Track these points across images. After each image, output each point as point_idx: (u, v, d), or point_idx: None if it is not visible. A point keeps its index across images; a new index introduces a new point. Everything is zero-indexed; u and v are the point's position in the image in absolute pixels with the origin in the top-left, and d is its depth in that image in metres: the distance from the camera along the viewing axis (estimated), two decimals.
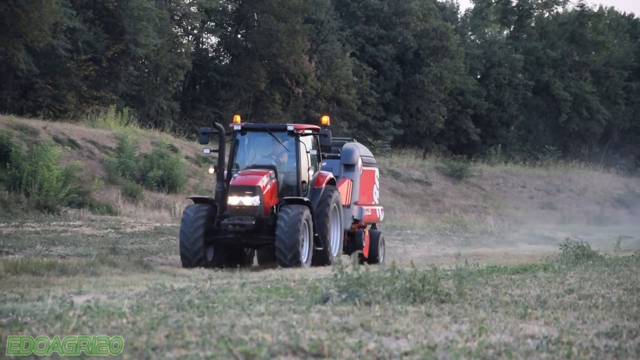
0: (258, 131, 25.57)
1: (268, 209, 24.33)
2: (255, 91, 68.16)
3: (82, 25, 54.13)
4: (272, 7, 67.11)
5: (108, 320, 10.68)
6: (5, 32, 49.27)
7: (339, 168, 28.02)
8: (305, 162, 25.18)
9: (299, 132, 25.06)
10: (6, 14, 48.77)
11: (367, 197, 28.93)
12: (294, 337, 9.53)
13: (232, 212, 24.09)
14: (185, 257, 23.79)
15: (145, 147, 49.02)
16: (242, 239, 24.23)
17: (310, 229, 24.16)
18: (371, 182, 29.47)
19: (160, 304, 12.51)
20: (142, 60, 59.81)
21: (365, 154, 29.31)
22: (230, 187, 24.12)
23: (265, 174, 24.35)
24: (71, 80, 53.92)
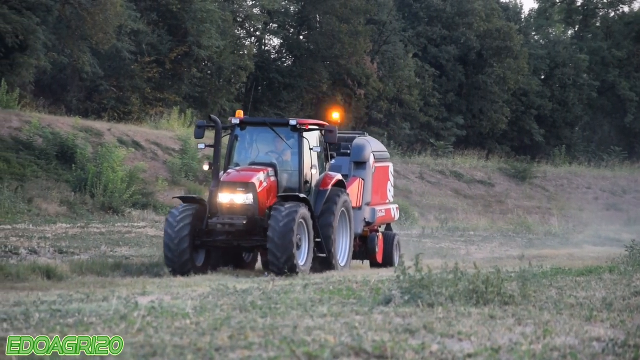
0: (258, 126, 23.71)
1: (264, 209, 22.25)
2: (317, 93, 68.20)
3: (146, 27, 54.55)
4: (335, 8, 67.10)
5: (172, 321, 10.74)
6: (71, 35, 49.84)
7: (349, 166, 25.87)
8: (308, 160, 23.16)
9: (302, 128, 23.07)
10: (72, 17, 49.33)
11: (380, 196, 26.79)
12: (357, 338, 9.51)
13: (222, 211, 22.11)
14: (171, 261, 21.72)
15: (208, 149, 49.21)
16: (233, 241, 22.15)
17: (310, 229, 22.13)
18: (385, 179, 27.28)
19: (224, 305, 12.56)
20: (205, 62, 60.13)
21: (378, 149, 27.11)
22: (221, 184, 22.23)
23: (262, 171, 22.43)
24: (135, 82, 54.36)
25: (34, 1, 45.74)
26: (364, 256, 25.94)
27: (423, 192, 61.14)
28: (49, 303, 13.00)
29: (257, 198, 21.98)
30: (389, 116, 72.42)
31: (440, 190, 62.55)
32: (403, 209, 49.45)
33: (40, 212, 33.88)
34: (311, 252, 22.17)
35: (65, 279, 19.78)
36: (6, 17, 43.72)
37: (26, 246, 24.25)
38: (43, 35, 45.82)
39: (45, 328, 10.16)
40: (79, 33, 49.69)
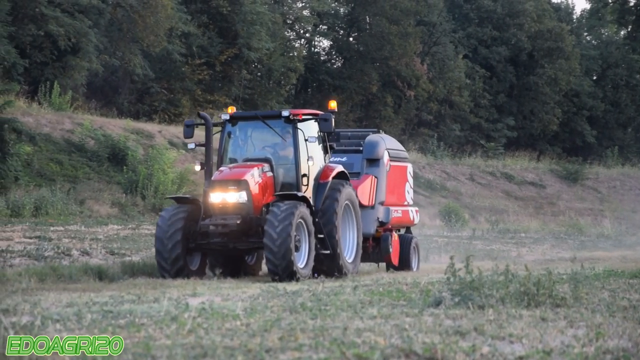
0: (250, 120, 22.38)
1: (259, 207, 20.92)
2: (366, 94, 68.16)
3: (197, 30, 54.83)
4: (384, 9, 67.03)
5: (222, 322, 10.77)
6: (122, 38, 50.22)
7: (361, 163, 24.68)
8: (304, 152, 21.69)
9: (295, 118, 21.68)
10: (123, 20, 49.71)
11: (397, 196, 25.48)
12: (407, 340, 9.48)
13: (214, 211, 20.84)
14: (162, 267, 20.50)
15: None
16: (228, 243, 20.75)
17: (309, 228, 20.70)
18: (402, 179, 25.97)
19: (274, 306, 12.58)
20: (255, 64, 60.31)
21: (394, 147, 25.77)
22: (212, 182, 20.99)
23: (256, 167, 21.13)
24: (186, 84, 54.65)
25: (86, 4, 46.15)
26: (378, 258, 24.78)
27: (473, 193, 60.87)
28: (100, 304, 13.10)
29: (251, 196, 20.71)
30: (439, 117, 72.20)
31: (490, 192, 62.24)
32: (453, 211, 49.33)
33: (92, 213, 34.17)
34: (312, 252, 20.77)
35: (117, 280, 19.91)
36: (59, 20, 44.15)
37: (78, 247, 24.45)
38: (95, 37, 46.21)
39: (97, 329, 10.23)
40: (130, 35, 50.07)
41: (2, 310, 11.78)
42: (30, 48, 44.80)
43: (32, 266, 20.64)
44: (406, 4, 67.07)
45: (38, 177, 36.80)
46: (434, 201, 56.59)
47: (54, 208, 32.41)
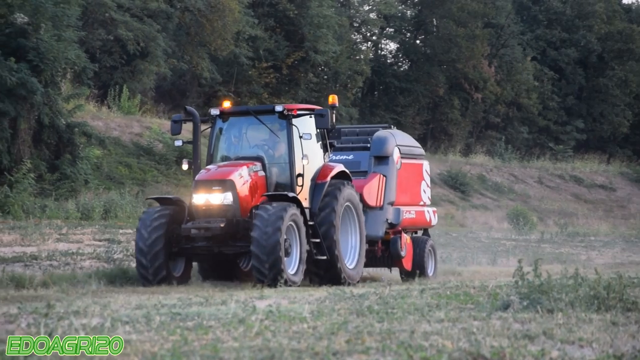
0: (241, 115, 20.93)
1: (247, 209, 19.41)
2: (433, 97, 67.94)
3: (264, 33, 55.05)
4: (452, 12, 66.78)
5: (289, 324, 10.78)
6: (190, 42, 50.60)
7: (369, 161, 23.15)
8: (299, 150, 20.20)
9: (290, 114, 20.22)
10: (191, 24, 50.10)
11: (410, 196, 23.87)
12: (475, 344, 9.42)
13: (198, 214, 19.41)
14: (143, 276, 19.08)
15: None
16: (213, 247, 19.32)
17: (301, 232, 19.26)
18: (417, 178, 24.32)
19: (340, 309, 12.57)
20: (321, 67, 60.37)
21: (406, 144, 24.13)
22: (195, 183, 19.57)
23: (244, 166, 19.67)
24: (252, 87, 54.88)
25: (155, 8, 46.58)
26: (389, 262, 23.26)
27: (542, 196, 60.36)
28: (169, 306, 13.19)
29: (238, 197, 19.25)
30: (507, 120, 71.71)
31: (559, 195, 61.69)
32: (521, 214, 48.94)
33: None
34: (304, 258, 19.31)
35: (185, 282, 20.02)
36: (128, 24, 44.60)
37: None
38: (163, 42, 46.62)
39: (165, 331, 10.29)
40: (198, 39, 50.42)
41: (73, 312, 11.91)
42: (100, 52, 45.31)
43: (101, 268, 20.87)
44: (474, 6, 66.76)
45: (107, 180, 37.21)
46: (501, 204, 56.22)
47: (123, 211, 32.73)
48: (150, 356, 8.85)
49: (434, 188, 56.55)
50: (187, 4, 49.32)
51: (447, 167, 59.82)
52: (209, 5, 49.38)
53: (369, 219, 22.06)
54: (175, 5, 48.93)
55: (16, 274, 18.47)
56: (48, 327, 9.95)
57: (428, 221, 24.39)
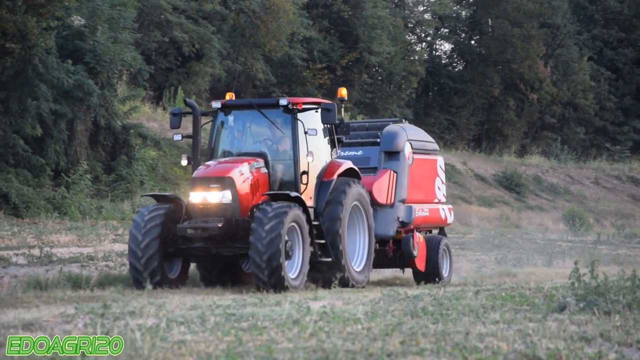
0: (244, 109, 19.78)
1: (248, 209, 18.34)
2: (488, 97, 67.61)
3: (318, 34, 55.12)
4: (507, 12, 66.42)
5: (343, 325, 10.77)
6: (245, 43, 50.78)
7: (378, 157, 21.98)
8: (304, 146, 19.03)
9: (295, 108, 19.02)
10: (246, 25, 50.29)
11: (424, 193, 22.71)
12: (531, 346, 9.35)
13: (195, 213, 18.36)
14: (137, 280, 17.95)
15: None
16: (211, 248, 18.26)
17: (304, 234, 18.13)
18: (431, 174, 23.15)
19: (395, 310, 12.53)
20: (375, 68, 60.35)
21: (418, 139, 22.89)
22: (193, 180, 18.62)
23: (246, 162, 18.62)
24: (307, 88, 54.95)
25: (210, 10, 46.83)
26: (400, 263, 22.00)
27: (598, 197, 59.82)
28: (223, 307, 13.22)
29: (238, 195, 18.18)
30: (562, 120, 71.18)
31: (616, 196, 61.09)
32: (577, 215, 48.54)
33: None
34: (306, 261, 18.20)
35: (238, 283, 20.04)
36: (183, 26, 44.87)
37: None
38: (218, 43, 46.84)
39: (220, 331, 10.32)
40: (253, 41, 50.60)
41: (129, 313, 11.99)
42: (156, 54, 45.63)
43: None
44: (529, 6, 66.35)
45: (162, 182, 37.45)
46: (557, 205, 55.79)
47: None
48: (205, 356, 8.88)
49: (489, 189, 56.35)
50: (242, 5, 49.51)
51: (502, 168, 59.47)
52: (263, 6, 49.54)
53: (379, 217, 21.13)
54: (230, 6, 49.15)
55: (73, 274, 18.63)
56: (104, 327, 10.02)
57: (443, 219, 23.16)
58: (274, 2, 49.46)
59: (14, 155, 33.56)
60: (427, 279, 21.56)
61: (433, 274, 21.83)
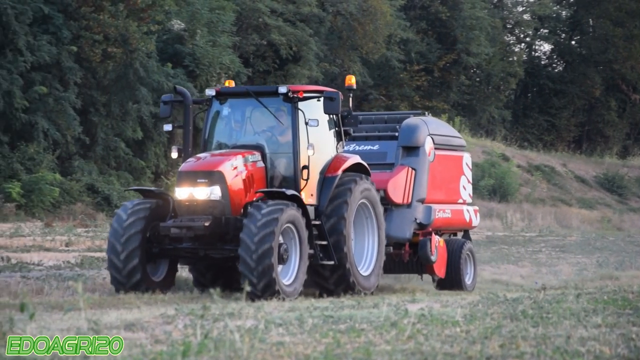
0: (241, 97, 18.16)
1: (240, 206, 16.81)
2: (589, 98, 66.68)
3: (415, 36, 55.00)
4: (609, 11, 65.47)
5: (442, 328, 10.70)
6: (342, 45, 50.91)
7: (396, 152, 20.22)
8: (305, 139, 17.44)
9: (295, 96, 17.47)
10: (343, 28, 50.42)
11: (445, 192, 20.93)
12: (634, 350, 9.18)
13: (181, 210, 16.85)
14: (116, 279, 16.68)
15: (476, 156, 49.06)
16: (199, 249, 16.79)
17: (302, 236, 16.60)
18: (455, 172, 21.34)
19: (494, 313, 12.41)
20: (473, 69, 60.00)
21: (442, 133, 21.10)
22: (178, 174, 17.19)
23: (240, 155, 17.09)
24: (404, 90, 54.88)
25: (307, 13, 47.03)
26: (418, 268, 20.24)
27: None
28: (321, 309, 13.24)
29: (228, 191, 16.68)
30: None
31: None
32: None
33: None
34: (303, 267, 16.66)
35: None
36: (281, 29, 45.15)
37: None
38: (315, 45, 47.01)
39: (318, 333, 10.34)
40: (350, 43, 50.69)
41: (228, 314, 12.08)
42: (253, 57, 45.98)
43: None
44: (632, 5, 65.29)
45: None
46: None
47: None
48: (303, 358, 8.90)
49: (590, 191, 55.57)
50: (339, 8, 49.66)
51: (603, 169, 58.61)
52: (361, 8, 49.61)
53: (394, 218, 19.52)
54: (327, 9, 49.33)
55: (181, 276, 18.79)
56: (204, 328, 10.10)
57: (467, 222, 21.35)
58: (372, 4, 49.51)
59: (116, 158, 34.14)
60: (449, 286, 19.91)
61: (454, 281, 20.13)
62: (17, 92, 30.68)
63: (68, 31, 32.45)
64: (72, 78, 32.74)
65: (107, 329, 10.75)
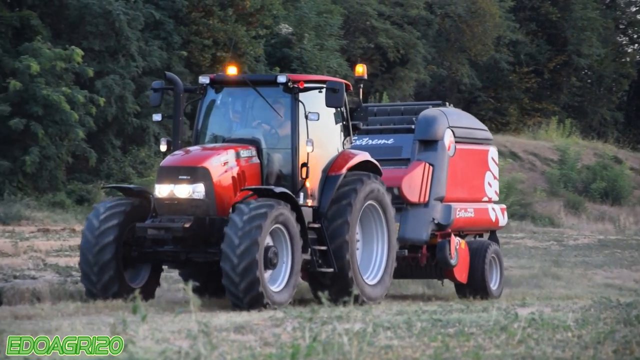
0: (237, 86, 16.59)
1: (228, 206, 15.22)
2: None
3: (525, 37, 54.51)
4: None
5: (553, 333, 10.57)
6: (449, 48, 50.73)
7: (412, 147, 18.54)
8: (304, 133, 15.90)
9: (296, 87, 15.91)
10: (451, 30, 50.25)
11: (468, 189, 19.22)
12: None
13: (161, 209, 15.35)
14: (89, 291, 15.28)
15: (587, 159, 48.35)
16: (181, 253, 15.28)
17: (294, 238, 15.08)
18: (479, 167, 19.59)
19: (606, 318, 12.22)
20: (584, 70, 59.17)
21: (464, 125, 19.38)
22: (159, 169, 15.82)
23: (231, 150, 15.61)
24: (513, 92, 54.43)
25: (415, 16, 46.95)
26: (437, 273, 18.52)
27: None
28: (429, 312, 13.20)
29: (214, 190, 15.18)
30: None
31: None
32: None
33: None
34: (297, 271, 15.18)
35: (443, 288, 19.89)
36: (388, 32, 45.16)
37: None
38: (423, 48, 46.91)
39: (426, 337, 10.30)
40: (458, 45, 50.48)
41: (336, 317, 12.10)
42: (361, 60, 46.03)
43: None
44: None
45: None
46: None
47: None
48: None
49: None
50: (448, 10, 49.49)
51: None
52: (469, 10, 49.37)
53: (409, 218, 18.03)
54: (435, 11, 49.18)
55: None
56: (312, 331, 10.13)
57: (493, 221, 19.56)
58: (480, 6, 49.23)
59: None
60: (472, 292, 18.33)
61: (478, 286, 18.40)
62: (129, 96, 31.20)
63: (178, 36, 32.91)
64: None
65: (217, 331, 10.86)
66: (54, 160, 28.68)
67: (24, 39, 29.82)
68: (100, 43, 31.05)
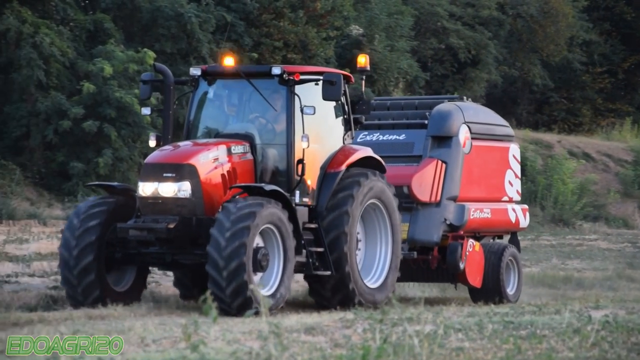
0: (231, 78, 15.73)
1: (218, 205, 14.39)
2: None
3: (598, 37, 53.96)
4: None
5: (627, 336, 10.44)
6: (521, 48, 50.38)
7: (425, 143, 17.59)
8: (300, 128, 15.08)
9: (291, 79, 15.08)
10: (523, 30, 49.90)
11: (486, 189, 18.23)
12: None
13: (144, 209, 14.56)
14: (72, 297, 14.53)
15: None
16: (166, 255, 14.50)
17: (287, 241, 14.30)
18: (499, 165, 18.53)
19: None
20: None
21: (481, 121, 18.34)
22: (143, 166, 15.10)
23: (222, 146, 14.85)
24: (586, 93, 53.89)
25: (487, 16, 46.69)
26: (448, 276, 17.65)
27: None
28: (501, 314, 13.12)
29: (201, 188, 14.41)
30: None
31: None
32: None
33: None
34: (289, 273, 14.33)
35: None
36: (459, 33, 44.96)
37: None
38: (494, 49, 46.64)
39: (498, 339, 10.24)
40: (530, 45, 50.12)
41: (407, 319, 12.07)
42: (432, 61, 45.91)
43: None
44: None
45: None
46: None
47: None
48: None
49: None
50: (520, 10, 49.15)
51: None
52: (541, 10, 48.99)
53: (419, 218, 17.16)
54: (507, 12, 48.88)
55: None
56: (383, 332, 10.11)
57: (513, 223, 18.49)
58: (553, 6, 48.83)
59: None
60: (488, 297, 17.37)
61: (494, 291, 17.42)
62: None
63: (249, 38, 33.06)
64: None
65: (287, 332, 10.89)
66: (127, 162, 28.96)
67: (97, 42, 30.17)
68: (172, 45, 31.30)
